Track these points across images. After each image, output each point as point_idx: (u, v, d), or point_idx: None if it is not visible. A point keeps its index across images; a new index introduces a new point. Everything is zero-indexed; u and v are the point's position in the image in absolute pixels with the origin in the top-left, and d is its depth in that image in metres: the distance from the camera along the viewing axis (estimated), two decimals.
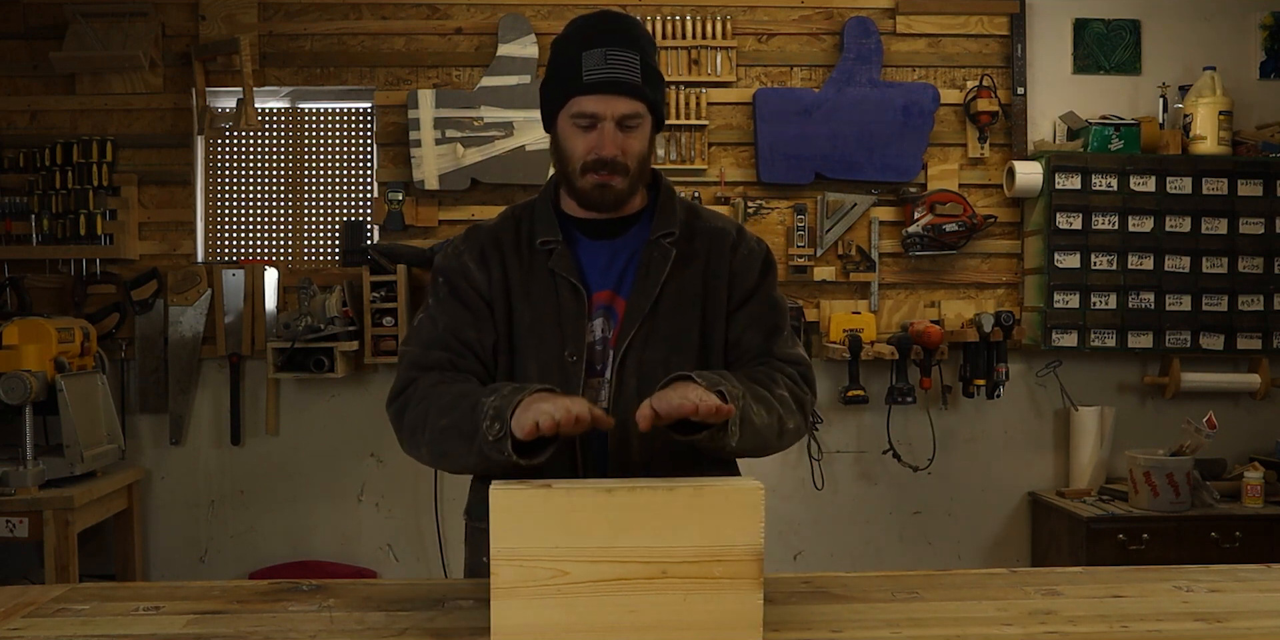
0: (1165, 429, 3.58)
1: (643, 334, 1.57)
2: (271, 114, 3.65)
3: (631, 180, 1.58)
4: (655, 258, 1.60)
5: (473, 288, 1.61)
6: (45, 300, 3.48)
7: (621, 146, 1.54)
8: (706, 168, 3.55)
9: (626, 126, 1.55)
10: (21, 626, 1.28)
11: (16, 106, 3.52)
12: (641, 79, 1.54)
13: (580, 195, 1.59)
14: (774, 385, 1.55)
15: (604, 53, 1.52)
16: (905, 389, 3.50)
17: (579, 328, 1.57)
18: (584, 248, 1.63)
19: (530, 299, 1.60)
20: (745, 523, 1.22)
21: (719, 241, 1.64)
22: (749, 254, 1.66)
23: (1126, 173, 3.50)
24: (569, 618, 1.20)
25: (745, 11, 3.59)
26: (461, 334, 1.60)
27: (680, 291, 1.60)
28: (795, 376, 1.60)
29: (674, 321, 1.59)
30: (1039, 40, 3.66)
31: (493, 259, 1.62)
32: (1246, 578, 1.54)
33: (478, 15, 3.57)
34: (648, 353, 1.57)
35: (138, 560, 3.44)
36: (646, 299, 1.58)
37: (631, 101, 1.54)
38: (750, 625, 1.22)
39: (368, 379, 3.56)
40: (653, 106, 1.58)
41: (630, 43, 1.55)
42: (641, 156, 1.58)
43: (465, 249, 1.64)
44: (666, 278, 1.59)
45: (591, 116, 1.53)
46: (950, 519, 3.68)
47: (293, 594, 1.44)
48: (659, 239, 1.61)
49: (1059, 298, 3.49)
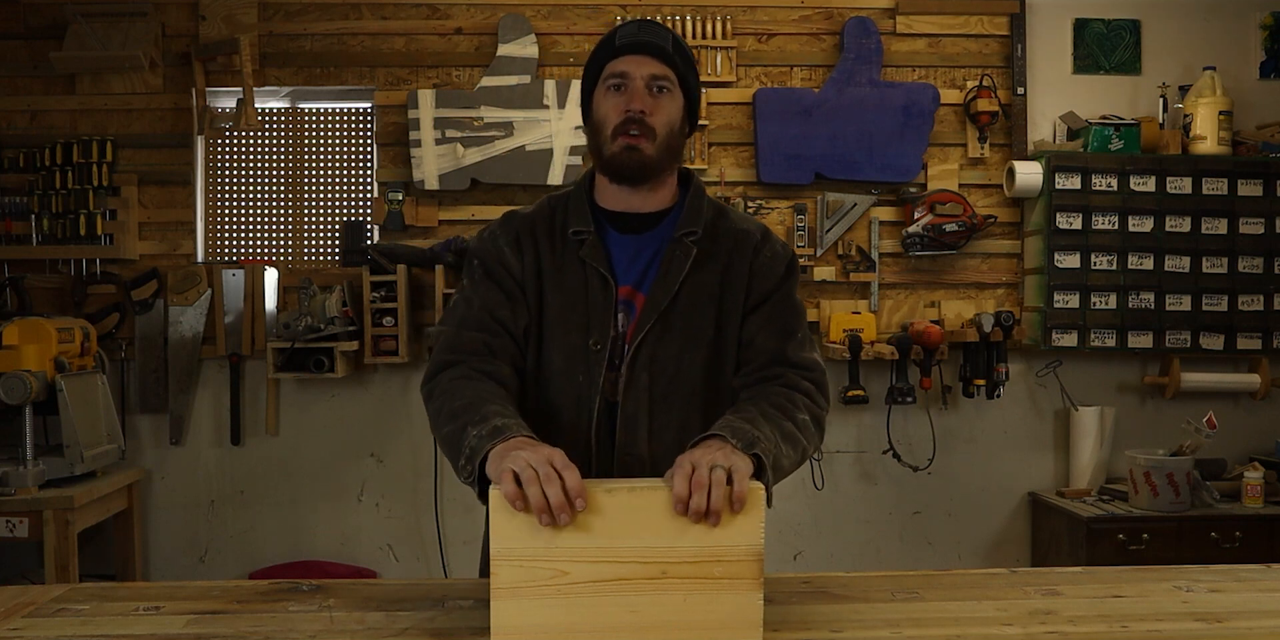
0: (1165, 429, 3.58)
1: (658, 330, 1.58)
2: (271, 114, 3.65)
3: (659, 149, 1.58)
4: (677, 255, 1.61)
5: (507, 271, 1.63)
6: (45, 300, 3.48)
7: (650, 107, 1.57)
8: (707, 168, 3.55)
9: (656, 89, 1.58)
10: (21, 626, 1.28)
11: (16, 106, 3.52)
12: (672, 49, 1.60)
13: (610, 164, 1.60)
14: (795, 410, 1.53)
15: (639, 25, 1.62)
16: (905, 389, 3.50)
17: (605, 318, 1.59)
18: (613, 240, 1.64)
19: (561, 287, 1.61)
20: (745, 523, 1.22)
21: (742, 243, 1.65)
22: (772, 257, 1.66)
23: (1126, 173, 3.50)
24: (569, 618, 1.20)
25: (745, 11, 3.59)
26: (497, 313, 1.60)
27: (697, 290, 1.61)
28: (811, 390, 1.58)
29: (690, 319, 1.60)
30: (1039, 40, 3.66)
31: (526, 245, 1.64)
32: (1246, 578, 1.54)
33: (478, 15, 3.57)
34: (661, 349, 1.58)
35: (138, 560, 3.44)
36: (665, 295, 1.59)
37: (661, 64, 1.58)
38: (750, 625, 1.22)
39: (368, 379, 3.56)
40: (683, 81, 1.61)
41: (664, 27, 1.64)
42: (671, 125, 1.59)
43: (501, 234, 1.66)
44: (686, 276, 1.60)
45: (621, 76, 1.58)
46: (950, 519, 3.68)
47: (293, 594, 1.44)
48: (682, 237, 1.61)
49: (1059, 298, 3.49)
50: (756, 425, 1.42)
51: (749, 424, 1.42)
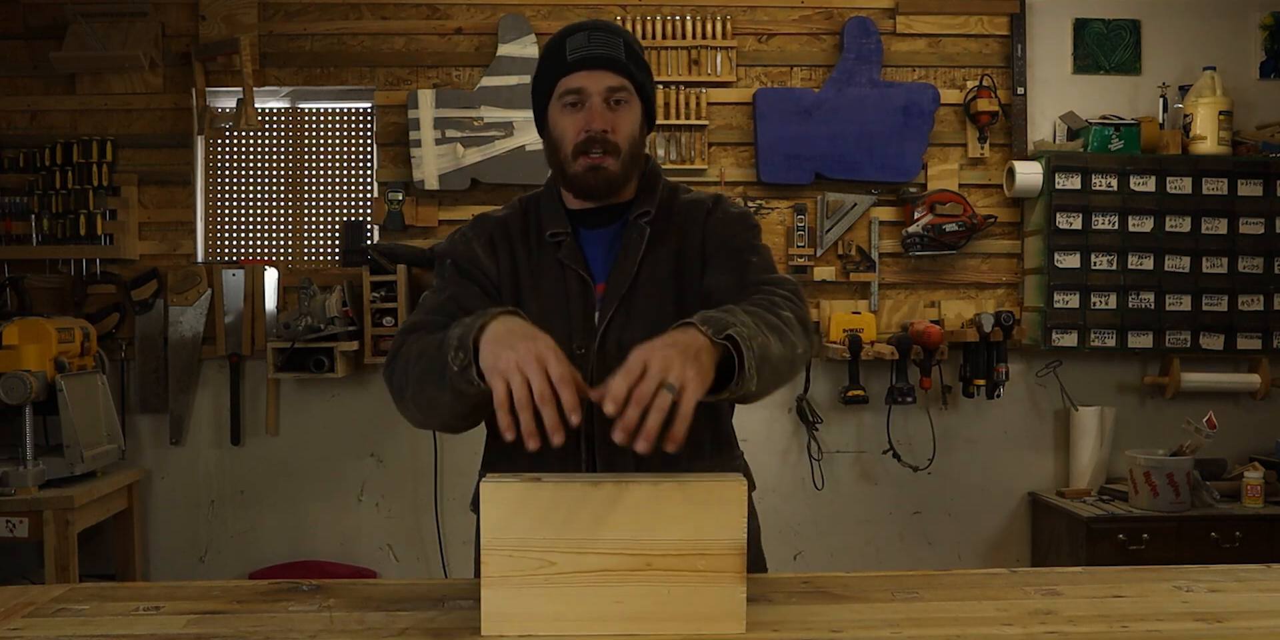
0: (1165, 429, 3.58)
1: (621, 316, 1.55)
2: (271, 114, 3.65)
3: (624, 163, 1.55)
4: (633, 238, 1.58)
5: (481, 272, 1.59)
6: (45, 300, 3.48)
7: (611, 123, 1.52)
8: (706, 168, 3.55)
9: (614, 102, 1.53)
10: (21, 626, 1.28)
11: (16, 106, 3.52)
12: (626, 58, 1.54)
13: (574, 182, 1.56)
14: (778, 308, 1.44)
15: (588, 35, 1.54)
16: (905, 389, 3.50)
17: (587, 320, 1.55)
18: (585, 238, 1.61)
19: (538, 290, 1.58)
20: (727, 517, 1.23)
21: (694, 212, 1.62)
22: (723, 217, 1.61)
23: (1126, 173, 3.50)
24: (556, 607, 1.22)
25: (745, 11, 3.59)
26: (466, 303, 1.53)
27: (656, 269, 1.57)
28: (789, 295, 1.49)
29: (652, 301, 1.56)
30: (1039, 40, 3.66)
31: (501, 248, 1.61)
32: (1246, 578, 1.54)
33: (478, 15, 3.57)
34: (626, 334, 1.52)
35: (138, 560, 3.44)
36: (624, 279, 1.56)
37: (617, 76, 1.53)
38: (733, 617, 1.24)
39: (368, 379, 3.56)
40: (640, 89, 1.56)
41: (615, 30, 1.57)
42: (633, 138, 1.55)
43: (474, 236, 1.62)
44: (642, 257, 1.57)
45: (578, 92, 1.52)
46: (950, 519, 3.68)
47: (293, 594, 1.44)
48: (636, 219, 1.59)
49: (1059, 298, 3.49)
50: (733, 314, 1.32)
51: (723, 313, 1.32)
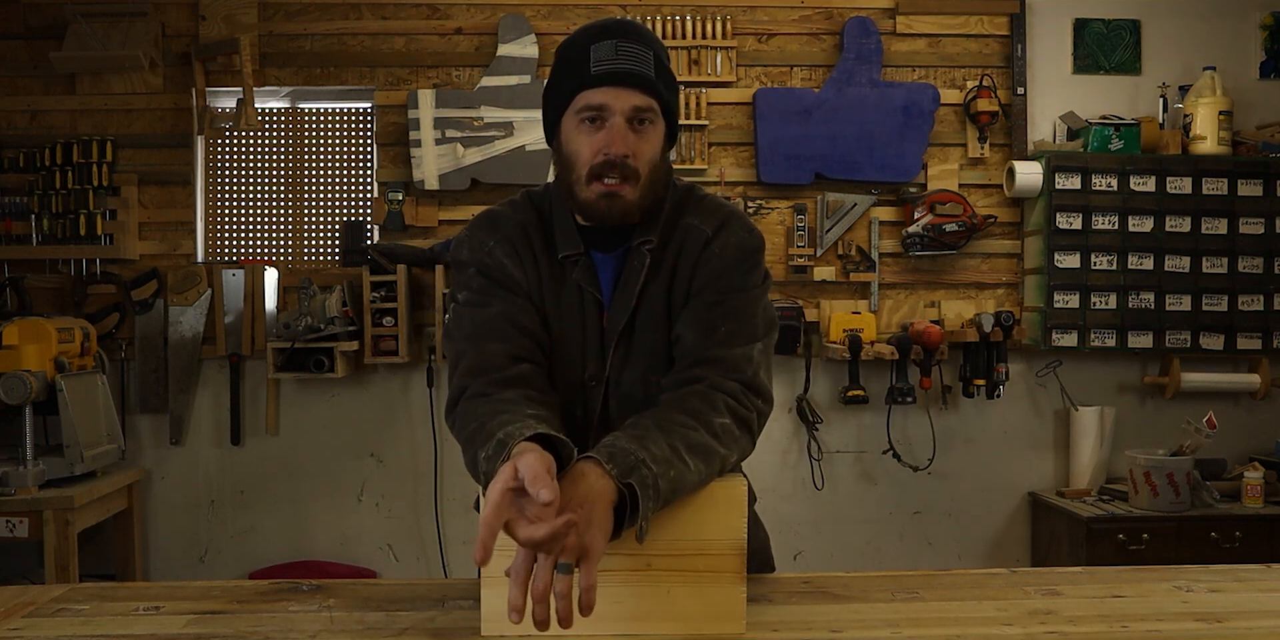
0: (1165, 429, 3.58)
1: (620, 353, 1.45)
2: (271, 114, 3.65)
3: (642, 191, 1.41)
4: (633, 266, 1.45)
5: (515, 283, 1.45)
6: (45, 300, 3.48)
7: (633, 147, 1.38)
8: (706, 168, 3.55)
9: (638, 123, 1.40)
10: (21, 626, 1.28)
11: (16, 106, 3.52)
12: (655, 75, 1.41)
13: (584, 208, 1.43)
14: (712, 414, 1.31)
15: (615, 44, 1.40)
16: (905, 389, 3.50)
17: (602, 347, 1.46)
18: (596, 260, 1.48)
19: (559, 310, 1.46)
20: (728, 517, 1.24)
21: (692, 242, 1.46)
22: (722, 248, 1.45)
23: (1126, 173, 3.50)
24: None
25: (745, 11, 3.59)
26: (518, 319, 1.41)
27: (652, 304, 1.45)
28: (736, 390, 1.36)
29: (649, 337, 1.45)
30: (1039, 40, 3.66)
31: (526, 259, 1.47)
32: (1246, 578, 1.54)
33: (478, 15, 3.57)
34: (626, 374, 1.45)
35: (138, 560, 3.44)
36: (623, 314, 1.44)
37: (644, 95, 1.39)
38: (733, 617, 1.24)
39: (368, 379, 3.56)
40: (666, 109, 1.43)
41: (643, 39, 1.43)
42: (654, 164, 1.42)
43: (495, 244, 1.47)
44: (641, 289, 1.44)
45: (599, 109, 1.38)
46: (950, 519, 3.68)
47: (293, 594, 1.44)
48: (639, 245, 1.45)
49: (1059, 298, 3.49)
50: (646, 442, 1.21)
51: (636, 443, 1.20)
